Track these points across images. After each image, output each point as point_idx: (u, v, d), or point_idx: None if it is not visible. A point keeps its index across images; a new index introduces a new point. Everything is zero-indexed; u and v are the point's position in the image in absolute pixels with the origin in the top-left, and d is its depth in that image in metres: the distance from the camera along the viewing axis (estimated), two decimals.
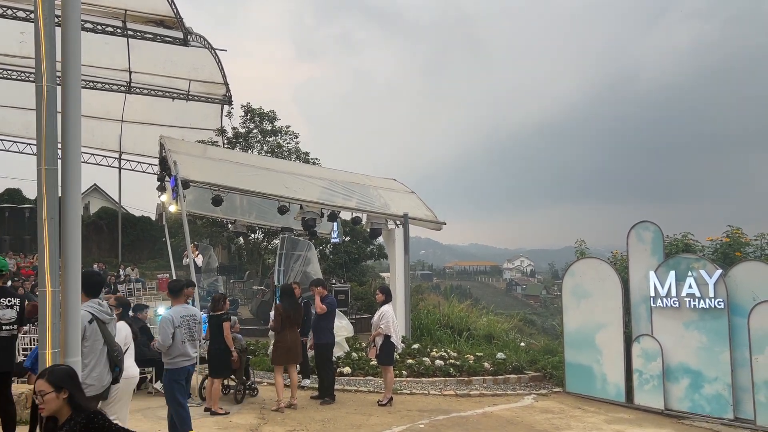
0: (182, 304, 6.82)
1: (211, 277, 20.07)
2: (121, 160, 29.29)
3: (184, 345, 6.58)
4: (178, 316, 6.59)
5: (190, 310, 6.83)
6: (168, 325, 6.52)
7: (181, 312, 6.67)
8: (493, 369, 11.33)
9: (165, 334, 6.50)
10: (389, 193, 16.44)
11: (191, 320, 6.70)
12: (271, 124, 24.14)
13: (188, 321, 6.66)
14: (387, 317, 9.22)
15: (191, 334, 6.67)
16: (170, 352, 6.54)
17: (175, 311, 6.66)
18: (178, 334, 6.54)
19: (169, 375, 6.59)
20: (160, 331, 6.59)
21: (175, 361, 6.56)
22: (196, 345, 6.87)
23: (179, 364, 6.56)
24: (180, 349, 6.55)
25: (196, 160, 14.73)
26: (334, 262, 22.51)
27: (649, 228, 9.88)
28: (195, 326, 6.74)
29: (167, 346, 6.51)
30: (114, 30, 17.19)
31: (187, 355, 6.60)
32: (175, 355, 6.54)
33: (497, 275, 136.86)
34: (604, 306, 10.16)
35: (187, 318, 6.67)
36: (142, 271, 26.26)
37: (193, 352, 6.70)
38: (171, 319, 6.55)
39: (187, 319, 6.66)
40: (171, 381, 6.55)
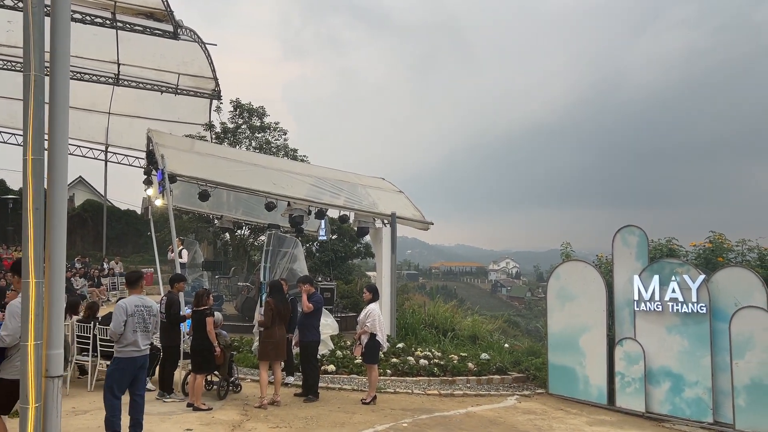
0: (138, 295, 6.71)
1: (196, 272, 19.95)
2: (108, 152, 29.04)
3: (135, 334, 6.42)
4: (132, 305, 6.46)
5: (146, 301, 6.70)
6: (121, 313, 6.39)
7: (135, 301, 6.54)
8: (477, 369, 11.38)
9: (117, 321, 6.37)
10: (377, 191, 16.44)
11: (146, 311, 6.55)
12: (260, 120, 24.06)
13: (142, 311, 6.51)
14: (373, 316, 9.23)
15: (145, 325, 6.52)
16: (121, 341, 6.39)
17: (129, 300, 6.53)
18: (130, 322, 6.39)
19: (116, 363, 6.42)
20: (113, 318, 6.46)
21: (125, 350, 6.39)
22: (149, 337, 6.74)
23: (128, 354, 6.40)
24: (130, 338, 6.39)
25: (183, 154, 14.64)
26: (320, 259, 22.48)
27: (634, 232, 9.96)
28: (150, 318, 6.60)
29: (119, 334, 6.36)
30: (103, 21, 17.01)
31: (136, 345, 6.44)
32: (125, 344, 6.38)
33: (483, 276, 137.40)
34: (588, 309, 10.24)
35: (141, 308, 6.52)
36: (127, 265, 26.06)
37: (143, 344, 6.52)
38: (125, 307, 6.42)
39: (141, 310, 6.51)
40: (116, 369, 6.38)
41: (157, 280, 19.59)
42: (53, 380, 3.90)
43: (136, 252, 30.60)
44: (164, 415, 7.99)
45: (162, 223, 21.92)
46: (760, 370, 8.31)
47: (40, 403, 3.81)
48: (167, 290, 9.71)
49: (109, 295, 20.59)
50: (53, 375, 3.90)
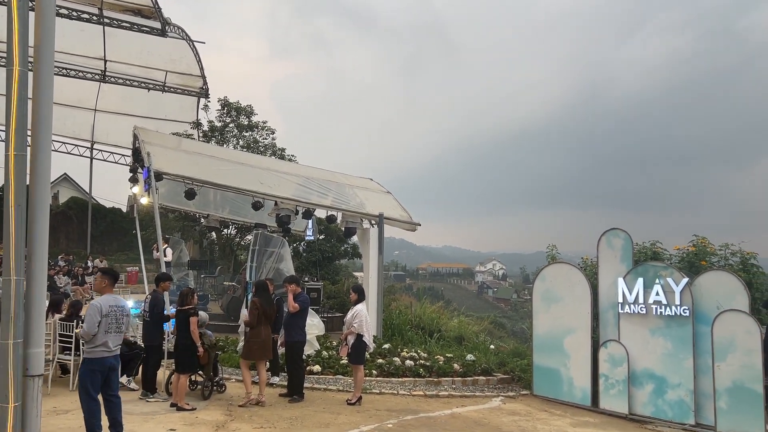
0: (112, 294, 6.64)
1: (181, 271, 19.84)
2: (93, 149, 28.80)
3: (107, 335, 6.32)
4: (106, 305, 6.37)
5: (119, 301, 6.61)
6: (95, 313, 6.27)
7: (110, 301, 6.45)
8: (463, 370, 11.40)
9: (91, 322, 6.25)
10: (365, 192, 16.43)
11: (119, 311, 6.47)
12: (248, 119, 23.95)
13: (116, 312, 6.43)
14: (360, 316, 9.22)
15: (117, 325, 6.43)
16: (92, 341, 6.28)
17: (104, 300, 6.43)
18: (104, 323, 6.30)
19: (86, 365, 6.31)
20: (87, 319, 6.33)
21: (96, 350, 6.29)
22: (121, 338, 6.64)
23: (98, 354, 6.29)
24: (101, 339, 6.29)
25: (170, 152, 14.54)
26: (307, 260, 22.42)
27: (619, 235, 10.04)
28: (122, 318, 6.52)
29: (92, 335, 6.25)
30: (90, 17, 16.90)
31: (107, 346, 6.34)
32: (97, 344, 6.28)
33: (469, 278, 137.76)
34: (573, 311, 10.30)
35: (115, 308, 6.44)
36: (111, 263, 25.84)
37: (114, 345, 6.42)
38: (99, 307, 6.31)
39: (115, 310, 6.43)
40: (87, 371, 6.27)
41: (142, 278, 19.44)
42: (33, 379, 3.87)
43: (120, 250, 30.34)
44: (147, 415, 7.93)
45: (147, 222, 21.72)
46: (742, 372, 8.40)
47: (20, 402, 3.77)
48: (152, 289, 9.64)
49: (93, 293, 20.42)
50: (34, 374, 3.86)
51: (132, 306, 14.63)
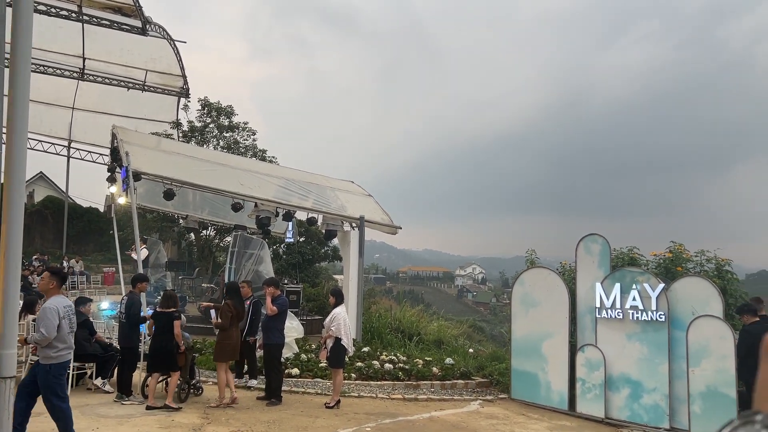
0: (61, 295, 6.51)
1: (159, 272, 19.63)
2: (71, 148, 28.38)
3: (69, 336, 6.23)
4: (62, 307, 6.24)
5: (68, 301, 6.50)
6: (54, 316, 6.10)
7: (64, 302, 6.34)
8: (442, 374, 11.42)
9: (51, 325, 6.05)
10: (346, 195, 16.41)
11: (71, 311, 6.37)
12: (229, 120, 23.78)
13: (69, 313, 6.31)
14: (338, 320, 9.18)
15: (71, 326, 6.33)
16: (55, 344, 6.10)
17: (57, 301, 6.28)
18: (64, 325, 6.17)
19: (55, 370, 6.12)
20: (45, 322, 6.10)
21: (62, 354, 6.16)
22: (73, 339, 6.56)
23: (65, 357, 6.20)
24: (67, 341, 6.18)
25: (149, 152, 14.39)
26: (287, 262, 22.32)
27: (597, 240, 10.14)
28: (74, 318, 6.41)
29: (50, 339, 6.06)
30: (69, 14, 16.66)
31: (71, 347, 6.29)
32: (62, 347, 6.15)
33: (449, 281, 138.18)
34: (551, 315, 10.37)
35: (68, 309, 6.33)
36: (87, 264, 25.49)
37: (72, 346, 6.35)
38: (56, 309, 6.16)
39: (69, 311, 6.32)
40: (57, 376, 6.10)
41: (119, 279, 19.19)
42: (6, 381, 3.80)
43: (97, 251, 29.93)
44: (122, 418, 7.82)
45: (125, 222, 21.49)
46: (715, 377, 8.53)
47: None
48: (129, 290, 9.53)
49: (68, 294, 20.10)
50: (6, 375, 3.79)
51: (107, 307, 14.46)
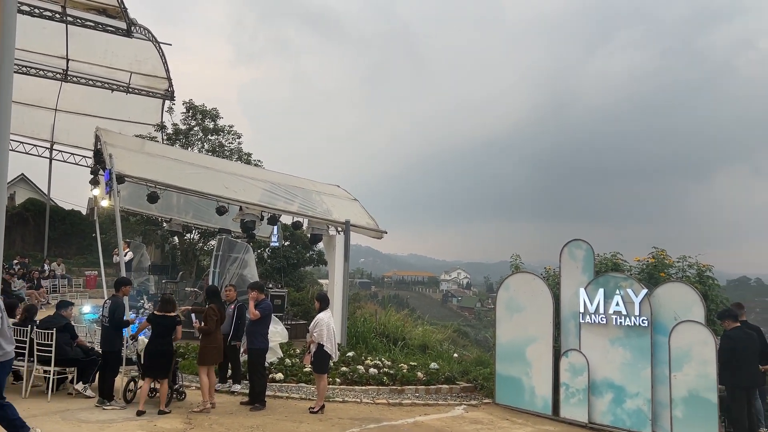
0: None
1: (142, 276, 19.44)
2: (53, 150, 28.05)
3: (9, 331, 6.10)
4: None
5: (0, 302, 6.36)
6: None
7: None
8: (426, 379, 11.42)
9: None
10: (332, 199, 16.39)
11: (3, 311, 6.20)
12: (214, 123, 23.65)
13: (3, 311, 6.14)
14: (320, 325, 9.14)
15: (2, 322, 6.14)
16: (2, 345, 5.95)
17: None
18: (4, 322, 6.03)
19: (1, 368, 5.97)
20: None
21: (8, 352, 6.02)
22: None
23: (10, 356, 6.07)
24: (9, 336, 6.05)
25: (132, 154, 14.28)
26: (271, 266, 22.22)
27: (581, 246, 10.21)
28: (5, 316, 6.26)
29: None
30: (52, 15, 16.48)
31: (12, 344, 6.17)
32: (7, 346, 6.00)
33: (434, 286, 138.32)
34: (535, 320, 10.41)
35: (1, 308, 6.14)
36: (69, 267, 25.17)
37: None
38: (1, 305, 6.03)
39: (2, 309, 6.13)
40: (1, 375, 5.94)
41: (101, 283, 18.99)
42: None
43: (79, 254, 29.56)
44: (104, 423, 7.72)
45: (108, 225, 21.27)
46: (697, 382, 8.62)
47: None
48: (111, 294, 9.44)
49: (49, 297, 19.82)
50: None
51: (89, 311, 14.29)
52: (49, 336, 8.82)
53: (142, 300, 15.83)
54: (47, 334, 8.85)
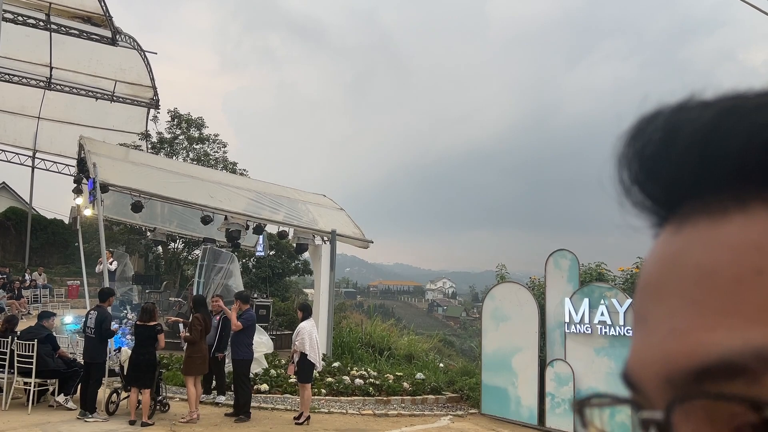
0: None
1: (125, 286, 19.25)
2: (35, 158, 27.78)
3: None
4: None
5: None
6: None
7: None
8: (412, 389, 11.39)
9: None
10: (318, 208, 16.36)
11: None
12: (199, 132, 23.54)
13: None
14: (303, 334, 9.08)
15: None
16: None
17: None
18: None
19: None
20: None
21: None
22: None
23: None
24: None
25: (117, 163, 14.17)
26: (256, 275, 22.10)
27: (566, 256, 10.26)
28: None
29: None
30: (36, 23, 16.37)
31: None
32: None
33: (420, 295, 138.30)
34: (521, 330, 10.44)
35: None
36: (51, 276, 24.87)
37: None
38: None
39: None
40: None
41: (84, 293, 18.78)
42: None
43: (61, 263, 29.24)
44: None
45: (91, 234, 21.06)
46: None
47: None
48: (95, 304, 9.33)
49: (30, 308, 19.56)
50: None
51: (71, 321, 14.11)
52: (30, 347, 8.69)
53: (125, 310, 15.66)
54: (28, 345, 8.72)
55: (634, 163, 0.39)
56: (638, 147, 0.39)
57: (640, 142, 0.39)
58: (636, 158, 0.39)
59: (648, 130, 0.38)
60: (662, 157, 0.37)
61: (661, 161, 0.37)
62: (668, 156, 0.36)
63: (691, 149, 0.35)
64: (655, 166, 0.37)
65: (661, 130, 0.37)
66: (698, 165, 0.35)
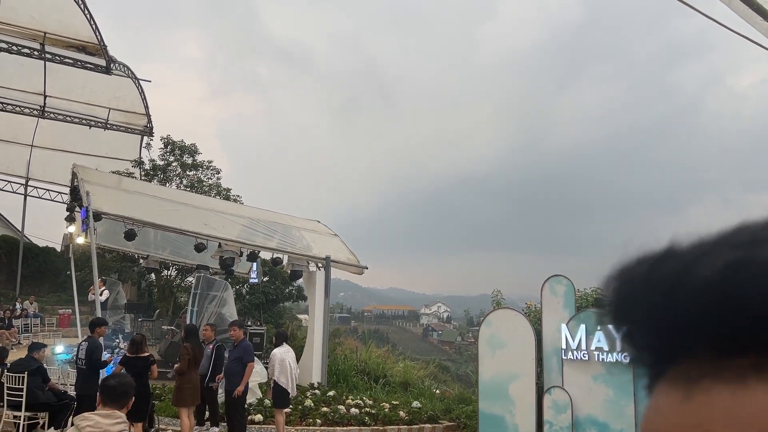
0: None
1: (117, 314, 19.07)
2: (28, 186, 27.68)
3: None
4: None
5: None
6: None
7: None
8: (409, 418, 11.25)
9: None
10: (312, 234, 16.32)
11: None
12: (192, 158, 23.54)
13: None
14: (273, 360, 9.34)
15: None
16: None
17: None
18: None
19: None
20: None
21: None
22: None
23: None
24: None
25: (110, 191, 14.13)
26: (250, 302, 21.92)
27: (561, 281, 10.23)
28: None
29: None
30: (31, 52, 16.43)
31: None
32: None
33: (414, 320, 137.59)
34: (517, 357, 10.35)
35: None
36: (42, 305, 24.60)
37: None
38: None
39: None
40: None
41: (75, 321, 18.56)
42: None
43: (53, 291, 28.96)
44: None
45: (83, 262, 20.90)
46: None
47: None
48: (86, 335, 9.22)
49: (21, 337, 19.30)
50: None
51: (62, 351, 13.92)
52: (20, 380, 8.56)
53: (118, 339, 15.48)
54: (18, 378, 8.58)
55: (634, 329, 0.37)
56: (638, 312, 0.37)
57: (638, 306, 0.37)
58: (636, 324, 0.37)
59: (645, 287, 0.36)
60: (666, 320, 0.35)
61: (664, 324, 0.35)
62: (674, 319, 0.34)
63: (700, 312, 0.33)
64: (658, 330, 0.35)
65: (661, 293, 0.35)
66: (708, 329, 0.33)
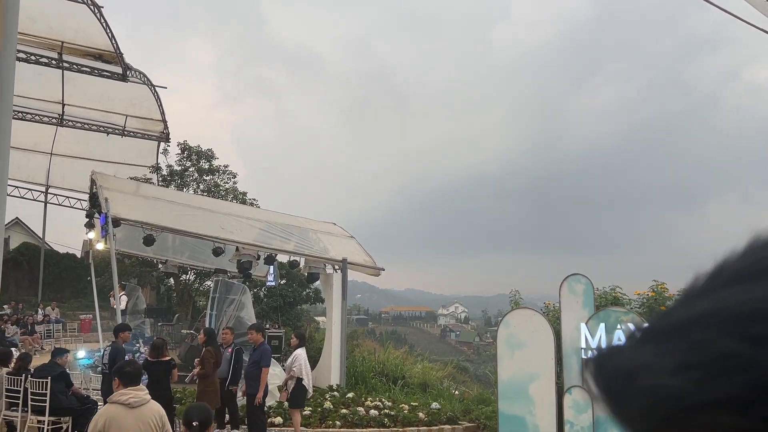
0: None
1: (137, 319, 19.25)
2: (48, 194, 28.07)
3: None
4: None
5: None
6: None
7: None
8: (428, 419, 11.23)
9: None
10: (328, 237, 16.36)
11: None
12: (209, 163, 23.71)
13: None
14: (299, 360, 9.29)
15: None
16: None
17: None
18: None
19: None
20: None
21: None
22: None
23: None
24: None
25: (128, 197, 14.28)
26: (268, 305, 22.02)
27: (580, 281, 10.15)
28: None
29: None
30: (49, 62, 16.67)
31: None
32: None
33: (432, 321, 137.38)
34: (537, 356, 10.29)
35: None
36: (64, 311, 24.91)
37: None
38: None
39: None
40: None
41: (96, 326, 18.78)
42: None
43: (74, 297, 29.31)
44: None
45: (103, 268, 21.14)
46: None
47: None
48: (110, 339, 9.34)
49: (44, 343, 19.56)
50: None
51: (84, 356, 14.08)
52: (43, 385, 8.67)
53: (138, 344, 15.63)
54: (42, 383, 8.69)
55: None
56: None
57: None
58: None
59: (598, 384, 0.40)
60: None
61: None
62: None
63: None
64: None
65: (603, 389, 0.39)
66: None
